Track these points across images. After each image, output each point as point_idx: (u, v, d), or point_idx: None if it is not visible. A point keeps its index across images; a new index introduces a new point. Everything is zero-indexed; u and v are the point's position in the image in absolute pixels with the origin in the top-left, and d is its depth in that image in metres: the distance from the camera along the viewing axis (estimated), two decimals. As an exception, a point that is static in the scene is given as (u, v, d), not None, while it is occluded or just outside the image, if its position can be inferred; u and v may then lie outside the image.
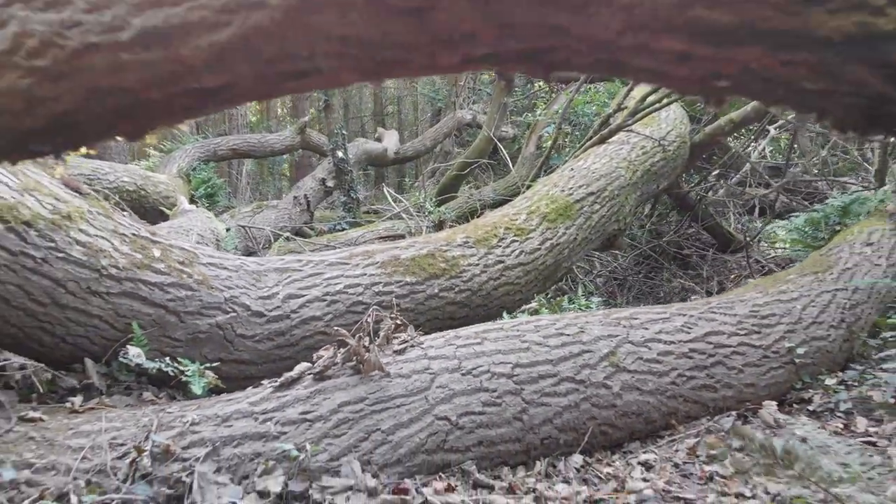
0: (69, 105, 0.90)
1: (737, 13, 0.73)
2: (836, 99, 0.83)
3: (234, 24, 0.78)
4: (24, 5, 0.85)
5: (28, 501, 1.53)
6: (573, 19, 0.74)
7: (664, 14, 0.73)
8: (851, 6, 0.75)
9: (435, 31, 0.75)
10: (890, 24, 0.75)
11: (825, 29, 0.75)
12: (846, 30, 0.75)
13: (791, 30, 0.74)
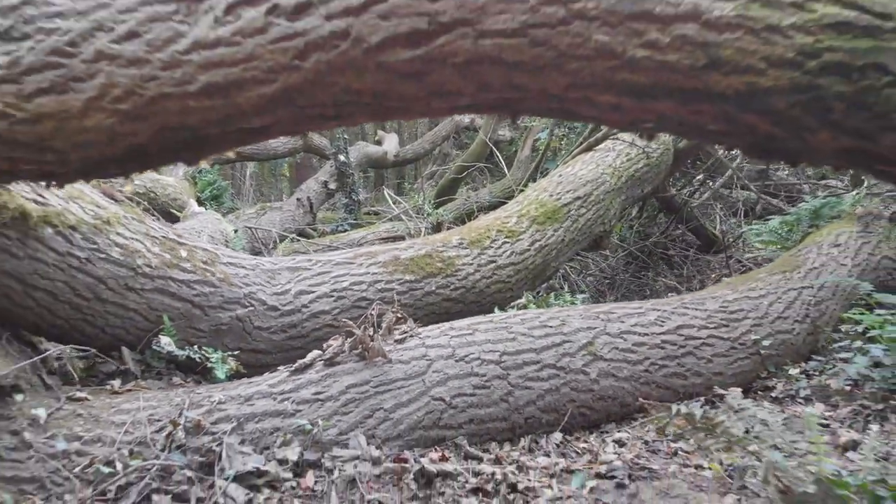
0: (143, 139, 1.15)
1: (653, 77, 0.98)
2: (737, 137, 1.08)
3: (278, 82, 1.03)
4: (109, 62, 1.11)
5: (80, 468, 1.78)
6: (532, 80, 0.99)
7: (599, 77, 0.98)
8: (740, 70, 1.00)
9: (430, 89, 1.01)
10: (770, 82, 1.01)
11: (720, 87, 1.00)
12: (737, 87, 1.01)
13: (695, 89, 0.99)
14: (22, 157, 1.19)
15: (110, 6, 1.11)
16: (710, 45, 0.97)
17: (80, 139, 1.14)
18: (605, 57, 0.96)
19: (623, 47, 0.96)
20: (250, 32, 1.03)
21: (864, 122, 1.01)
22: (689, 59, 0.97)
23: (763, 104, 1.02)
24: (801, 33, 0.98)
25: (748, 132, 1.07)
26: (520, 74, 0.98)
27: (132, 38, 1.08)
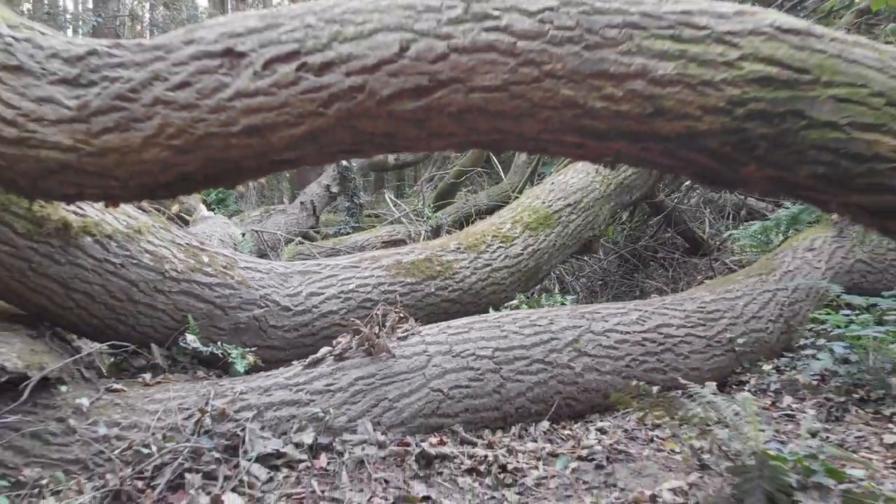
0: (192, 168, 1.39)
1: (609, 123, 1.21)
2: (682, 169, 1.32)
3: (306, 125, 1.27)
4: (165, 106, 1.34)
5: (119, 450, 2.01)
6: (512, 125, 1.23)
7: (566, 123, 1.22)
8: (680, 116, 1.23)
9: (430, 131, 1.25)
10: (705, 126, 1.24)
11: (665, 131, 1.23)
12: (678, 131, 1.24)
13: (644, 132, 1.23)
14: (88, 184, 1.42)
15: (166, 59, 1.35)
16: (655, 97, 1.21)
17: (138, 169, 1.37)
18: (571, 107, 1.19)
19: (585, 100, 1.19)
20: (283, 85, 1.26)
21: (784, 157, 1.25)
22: (638, 108, 1.21)
23: (700, 144, 1.25)
24: (730, 87, 1.21)
25: (690, 165, 1.30)
26: (502, 121, 1.22)
27: (184, 87, 1.32)
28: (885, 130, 1.21)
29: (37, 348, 2.11)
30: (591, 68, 1.19)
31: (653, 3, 1.25)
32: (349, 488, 1.95)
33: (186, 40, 1.35)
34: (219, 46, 1.31)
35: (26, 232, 2.10)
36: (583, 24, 1.20)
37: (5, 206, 2.06)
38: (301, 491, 1.93)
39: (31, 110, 1.35)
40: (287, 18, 1.31)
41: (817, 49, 1.24)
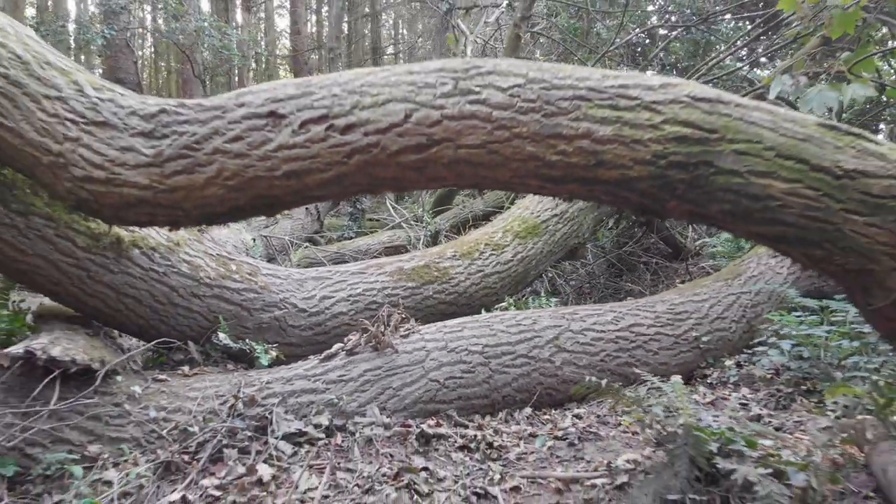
0: (242, 202, 1.77)
1: (563, 172, 1.60)
2: (622, 204, 1.70)
3: (333, 171, 1.65)
4: (222, 155, 1.73)
5: (167, 430, 2.39)
6: (489, 173, 1.62)
7: (531, 172, 1.60)
8: (616, 166, 1.62)
9: (427, 176, 1.63)
10: (636, 173, 1.63)
11: (605, 177, 1.62)
12: (615, 177, 1.62)
13: (589, 178, 1.61)
14: (160, 214, 1.80)
15: (223, 118, 1.73)
16: (598, 152, 1.59)
17: (200, 202, 1.76)
18: (534, 160, 1.58)
19: (544, 154, 1.58)
20: (315, 140, 1.65)
21: (698, 196, 1.63)
22: (585, 161, 1.59)
23: (633, 187, 1.64)
24: (655, 144, 1.60)
25: (627, 202, 1.69)
26: (482, 170, 1.60)
27: (238, 140, 1.70)
28: (776, 177, 1.59)
29: (95, 344, 2.49)
30: (548, 131, 1.58)
31: (598, 78, 1.64)
32: (360, 461, 2.33)
33: (238, 103, 1.73)
34: (264, 109, 1.70)
35: (86, 246, 2.48)
36: (542, 98, 1.59)
37: (68, 224, 2.45)
38: (321, 462, 2.31)
39: (116, 157, 1.73)
40: (318, 87, 1.69)
41: (723, 113, 1.63)
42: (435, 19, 12.24)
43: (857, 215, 1.57)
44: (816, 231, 1.60)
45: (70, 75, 1.79)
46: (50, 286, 2.50)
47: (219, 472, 2.25)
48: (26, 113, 1.73)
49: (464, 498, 2.10)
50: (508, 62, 1.67)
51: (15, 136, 1.73)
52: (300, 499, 2.09)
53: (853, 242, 1.59)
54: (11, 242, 2.33)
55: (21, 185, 2.34)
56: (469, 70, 1.64)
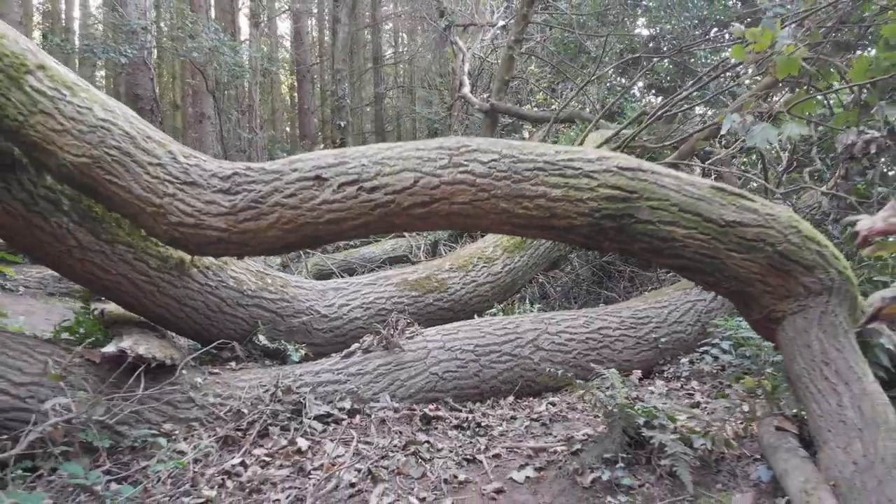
0: (293, 240, 2.41)
1: (526, 221, 2.24)
2: (572, 242, 2.34)
3: (361, 219, 2.30)
4: (280, 207, 2.36)
5: (223, 412, 3.02)
6: (474, 222, 2.27)
7: (504, 221, 2.25)
8: (566, 217, 2.26)
9: (429, 223, 2.28)
10: (579, 222, 2.26)
11: (558, 225, 2.25)
12: (565, 225, 2.26)
13: (545, 226, 2.25)
14: (232, 249, 2.44)
15: (281, 180, 2.37)
16: (551, 207, 2.23)
17: (263, 241, 2.40)
18: (505, 213, 2.22)
19: (513, 209, 2.22)
20: (349, 197, 2.28)
21: (625, 239, 2.27)
22: (542, 213, 2.24)
23: (577, 231, 2.28)
24: (592, 201, 2.24)
25: (575, 241, 2.33)
26: (469, 220, 2.25)
27: (292, 196, 2.34)
28: (679, 225, 2.23)
29: (164, 344, 3.12)
30: (516, 192, 2.22)
31: (552, 153, 2.28)
32: (376, 436, 2.96)
33: (292, 168, 2.37)
34: (312, 174, 2.33)
35: (157, 266, 3.12)
36: (511, 169, 2.23)
37: (144, 250, 3.09)
38: (345, 437, 2.95)
39: (202, 208, 2.37)
40: (351, 158, 2.33)
41: (642, 179, 2.27)
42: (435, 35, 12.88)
43: (736, 253, 2.21)
44: (708, 264, 2.24)
45: (166, 146, 2.43)
46: (127, 298, 3.13)
47: (266, 444, 2.88)
48: (135, 175, 2.36)
49: (457, 462, 2.73)
50: (488, 142, 2.31)
51: (126, 192, 2.37)
52: (331, 463, 2.72)
53: (734, 272, 2.23)
54: (100, 264, 2.97)
55: (108, 219, 2.97)
56: (460, 148, 2.28)
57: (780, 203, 5.37)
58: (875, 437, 2.01)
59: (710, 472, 2.35)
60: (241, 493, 2.50)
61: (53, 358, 2.77)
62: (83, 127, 2.33)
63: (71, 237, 2.86)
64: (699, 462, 2.36)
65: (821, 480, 2.01)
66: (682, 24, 8.57)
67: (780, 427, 2.28)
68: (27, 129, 2.32)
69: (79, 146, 2.32)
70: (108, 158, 2.32)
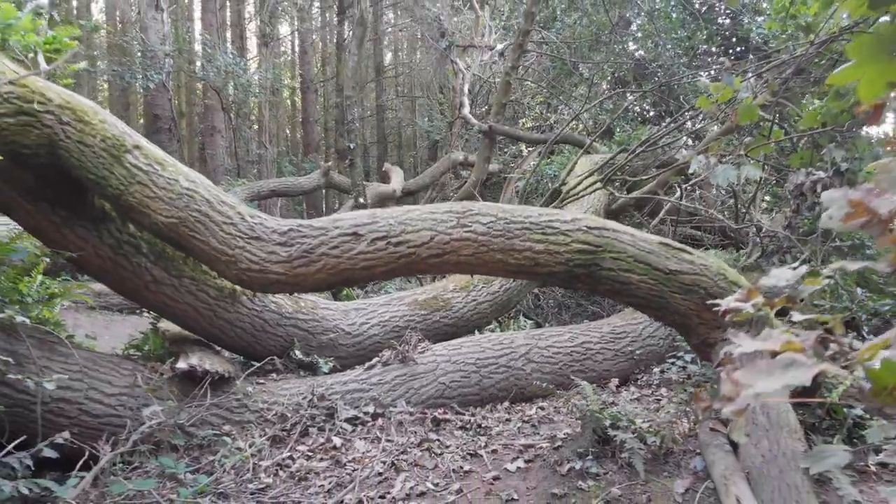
0: (335, 282, 3.09)
1: (516, 268, 2.90)
2: (552, 283, 2.99)
3: (389, 266, 2.98)
4: (326, 256, 3.04)
5: (270, 416, 3.68)
6: (476, 268, 2.95)
7: (499, 268, 2.92)
8: (547, 265, 2.92)
9: (442, 269, 2.96)
10: (557, 269, 2.93)
11: (540, 271, 2.92)
12: (546, 271, 2.93)
13: (531, 273, 2.91)
14: (287, 287, 3.11)
15: (326, 235, 3.03)
16: (536, 258, 2.90)
17: (311, 281, 3.07)
18: (500, 263, 2.90)
19: (506, 260, 2.89)
20: (380, 249, 2.95)
21: (593, 282, 2.95)
22: (529, 262, 2.91)
23: (556, 276, 2.96)
24: (567, 254, 2.92)
25: (555, 283, 3.00)
26: (472, 267, 2.92)
27: (335, 248, 3.01)
28: (634, 272, 2.90)
29: (221, 359, 3.78)
30: (508, 247, 2.89)
31: (536, 215, 2.95)
32: (396, 435, 3.62)
33: (334, 226, 3.04)
34: (350, 231, 3.00)
35: (215, 295, 3.79)
36: (505, 228, 2.90)
37: (204, 282, 3.75)
38: (369, 435, 3.61)
39: (265, 257, 3.04)
40: (381, 218, 3.00)
41: (605, 236, 2.94)
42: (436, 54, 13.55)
43: (677, 294, 2.88)
44: (657, 302, 2.91)
45: (236, 208, 3.09)
46: (189, 322, 3.79)
47: (307, 441, 3.55)
48: (212, 232, 3.03)
49: (462, 456, 3.39)
50: (487, 206, 2.99)
51: (205, 244, 3.04)
52: (361, 457, 3.38)
53: (677, 309, 2.90)
54: (170, 295, 3.64)
55: (177, 258, 3.64)
56: (465, 212, 2.95)
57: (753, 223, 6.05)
58: (779, 437, 2.68)
59: (659, 463, 3.02)
60: (291, 481, 3.16)
61: (137, 372, 3.44)
62: (172, 194, 3.00)
63: (148, 273, 3.53)
64: (651, 455, 3.03)
65: (737, 469, 2.68)
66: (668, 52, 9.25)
67: (713, 428, 2.95)
68: (127, 196, 2.99)
69: (168, 209, 2.99)
70: (191, 219, 2.99)
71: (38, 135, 2.93)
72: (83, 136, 2.96)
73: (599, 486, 2.89)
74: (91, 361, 3.37)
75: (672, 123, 5.87)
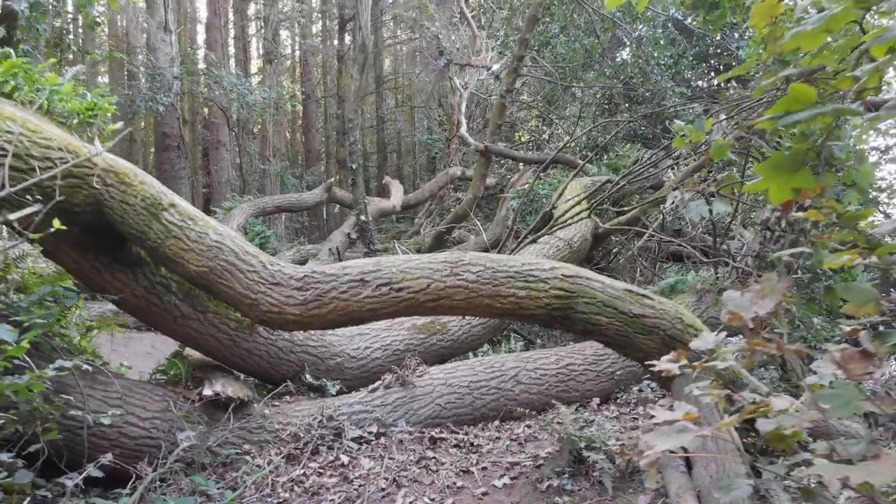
0: (343, 321, 3.55)
1: (502, 311, 3.35)
2: (532, 323, 3.44)
3: (391, 309, 3.44)
4: (336, 300, 3.49)
5: (285, 435, 4.12)
6: (467, 311, 3.40)
7: (486, 310, 3.37)
8: (529, 308, 3.37)
9: (437, 312, 3.42)
10: (538, 312, 3.38)
11: (524, 313, 3.36)
12: (528, 314, 3.37)
13: (515, 314, 3.35)
14: (301, 326, 3.56)
15: (336, 280, 3.48)
16: (519, 303, 3.35)
17: (323, 321, 3.52)
18: (488, 306, 3.35)
19: (493, 304, 3.34)
20: (384, 294, 3.40)
21: (568, 323, 3.40)
22: (513, 306, 3.36)
23: (536, 318, 3.41)
24: (546, 298, 3.37)
25: (535, 322, 3.45)
26: (464, 310, 3.37)
27: (344, 292, 3.46)
28: (603, 315, 3.35)
29: (241, 385, 4.22)
30: (495, 293, 3.34)
31: (519, 265, 3.40)
32: (396, 453, 4.07)
33: (343, 273, 3.48)
34: (358, 277, 3.45)
35: (235, 327, 4.23)
36: (492, 276, 3.35)
37: (226, 316, 4.19)
38: (373, 453, 4.05)
39: (283, 301, 3.48)
40: (384, 266, 3.44)
41: (579, 283, 3.39)
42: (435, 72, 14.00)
43: (640, 335, 3.33)
44: (623, 341, 3.36)
45: (258, 257, 3.54)
46: (212, 350, 4.24)
47: (318, 459, 3.99)
48: (238, 279, 3.47)
49: (455, 473, 3.84)
50: (477, 256, 3.43)
51: (231, 289, 3.48)
52: (366, 473, 3.82)
53: (640, 347, 3.35)
54: (195, 328, 4.08)
55: (202, 296, 4.08)
56: (458, 262, 3.40)
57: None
58: (724, 461, 3.12)
59: (626, 481, 3.47)
60: (306, 496, 3.61)
61: (168, 398, 3.88)
62: (203, 246, 3.44)
63: (176, 309, 3.97)
64: (619, 474, 3.48)
65: (690, 488, 3.12)
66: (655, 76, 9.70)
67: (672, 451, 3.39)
68: (164, 248, 3.43)
69: (200, 259, 3.43)
70: (219, 268, 3.44)
71: (85, 195, 3.38)
72: (125, 196, 3.40)
73: (573, 501, 3.34)
74: (127, 388, 3.81)
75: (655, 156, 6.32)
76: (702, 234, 8.61)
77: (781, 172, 2.12)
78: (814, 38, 2.02)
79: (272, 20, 14.76)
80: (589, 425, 4.21)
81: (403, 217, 15.60)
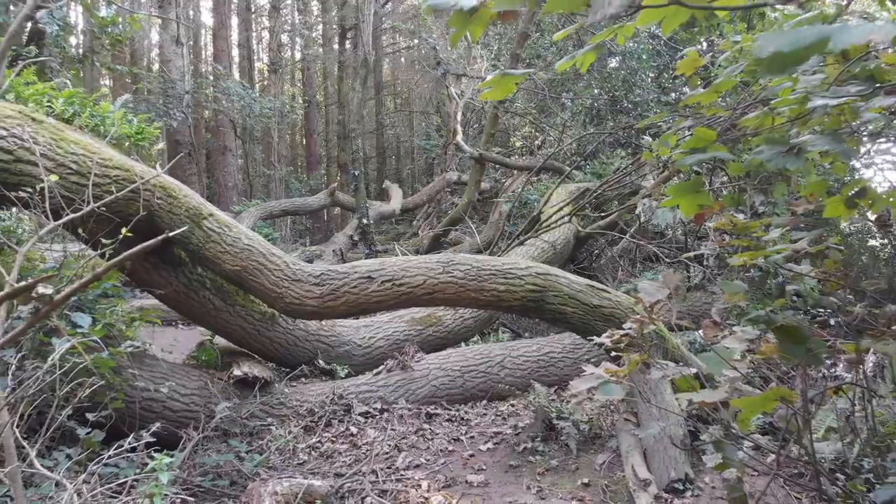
0: (353, 312, 4.26)
1: (485, 303, 4.04)
2: (510, 312, 4.14)
3: (394, 301, 4.15)
4: (347, 294, 4.20)
5: (302, 410, 4.81)
6: (456, 302, 4.11)
7: (472, 302, 4.07)
8: (508, 300, 4.07)
9: (433, 303, 4.13)
10: (515, 304, 4.08)
11: (504, 305, 4.06)
12: (507, 305, 4.07)
13: (496, 305, 4.05)
14: (318, 316, 4.26)
15: (348, 278, 4.17)
16: (498, 295, 4.06)
17: (336, 311, 4.22)
18: (474, 298, 4.05)
19: (478, 296, 4.04)
20: (387, 289, 4.10)
21: (541, 313, 4.10)
22: (494, 299, 4.06)
23: (513, 309, 4.11)
24: (522, 292, 4.07)
25: (513, 312, 4.16)
26: (455, 302, 4.07)
27: (354, 287, 4.16)
28: (569, 306, 4.05)
29: (264, 367, 4.91)
30: (480, 287, 4.04)
31: (500, 265, 4.11)
32: (397, 425, 4.76)
33: (353, 271, 4.18)
34: (365, 275, 4.15)
35: (259, 318, 4.93)
36: (477, 274, 4.05)
37: (251, 308, 4.89)
38: (378, 426, 4.74)
39: (303, 294, 4.18)
40: (388, 266, 4.14)
41: (550, 279, 4.09)
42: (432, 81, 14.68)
43: (599, 322, 4.03)
44: (584, 327, 4.06)
45: (283, 258, 4.23)
46: (240, 338, 4.94)
47: (330, 430, 4.68)
48: (266, 276, 4.17)
49: (447, 441, 4.53)
50: (467, 258, 4.13)
51: (260, 285, 4.18)
52: (372, 441, 4.51)
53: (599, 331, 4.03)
54: (226, 319, 4.78)
55: (231, 290, 4.78)
56: (449, 262, 4.09)
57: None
58: (666, 424, 3.82)
59: (589, 444, 4.17)
60: (322, 458, 4.30)
61: (204, 378, 4.57)
62: (237, 249, 4.14)
63: (210, 303, 4.67)
64: (583, 438, 4.18)
65: (637, 447, 3.82)
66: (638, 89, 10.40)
67: (626, 418, 4.10)
68: (204, 250, 4.13)
69: (234, 260, 4.13)
70: (251, 267, 4.13)
71: (138, 206, 4.07)
72: (172, 207, 4.09)
73: (544, 459, 4.04)
74: (169, 369, 4.50)
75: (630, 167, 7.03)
76: (679, 237, 9.32)
77: (687, 194, 2.82)
78: (707, 96, 2.72)
79: (276, 31, 15.44)
80: (561, 401, 4.92)
81: (402, 219, 16.29)
